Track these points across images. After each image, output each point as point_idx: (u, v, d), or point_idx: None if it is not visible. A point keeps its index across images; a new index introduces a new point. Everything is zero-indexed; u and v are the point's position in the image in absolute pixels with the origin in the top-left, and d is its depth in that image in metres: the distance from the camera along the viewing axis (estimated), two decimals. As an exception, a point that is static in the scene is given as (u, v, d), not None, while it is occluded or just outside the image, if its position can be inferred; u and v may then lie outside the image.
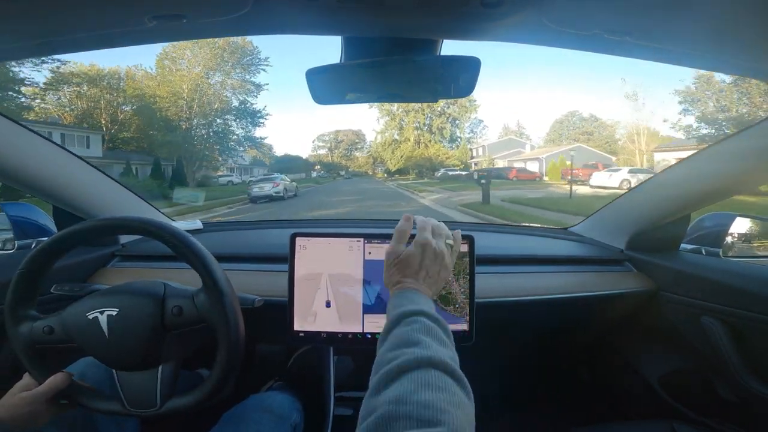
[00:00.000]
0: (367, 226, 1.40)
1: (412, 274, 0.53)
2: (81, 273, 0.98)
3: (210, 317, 0.58)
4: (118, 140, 21.91)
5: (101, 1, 0.45)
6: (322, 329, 0.83)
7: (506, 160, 31.38)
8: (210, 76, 24.29)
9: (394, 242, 0.58)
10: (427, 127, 36.54)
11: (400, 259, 0.55)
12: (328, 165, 48.88)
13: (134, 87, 22.43)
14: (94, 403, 0.60)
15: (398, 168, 36.03)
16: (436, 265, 0.55)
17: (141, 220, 0.58)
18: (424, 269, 0.54)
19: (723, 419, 0.92)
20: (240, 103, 25.23)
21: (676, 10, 0.45)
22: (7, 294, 0.58)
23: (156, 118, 22.05)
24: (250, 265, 1.00)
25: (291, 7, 0.47)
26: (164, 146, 21.28)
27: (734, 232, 1.05)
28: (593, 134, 36.56)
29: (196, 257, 0.58)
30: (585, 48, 0.57)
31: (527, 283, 1.00)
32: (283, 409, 0.81)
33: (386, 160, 37.60)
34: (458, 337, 0.84)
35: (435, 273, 0.55)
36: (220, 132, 24.85)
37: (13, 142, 0.77)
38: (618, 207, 1.16)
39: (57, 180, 0.90)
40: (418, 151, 35.19)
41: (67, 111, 20.76)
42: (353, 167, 49.12)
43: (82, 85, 20.89)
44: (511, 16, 0.48)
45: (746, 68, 0.60)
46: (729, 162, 0.81)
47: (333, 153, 51.37)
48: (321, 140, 54.22)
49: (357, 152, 52.13)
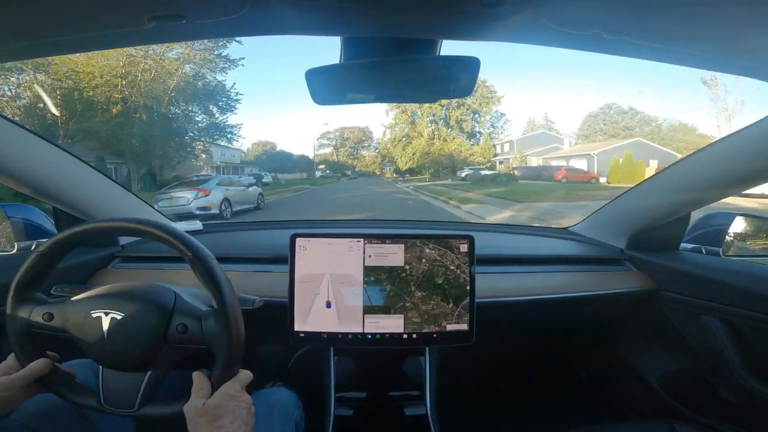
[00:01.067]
0: (368, 226, 1.40)
1: (227, 424, 0.52)
2: (81, 274, 0.98)
3: (214, 344, 0.57)
4: (78, 133, 15.50)
5: (100, 2, 0.45)
6: (323, 330, 0.83)
7: (541, 157, 26.59)
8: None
9: (190, 400, 0.54)
10: (443, 120, 32.21)
11: (204, 412, 0.53)
12: (334, 164, 45.98)
13: (64, 64, 14.78)
14: (69, 394, 0.60)
15: (409, 167, 32.03)
16: (244, 410, 0.55)
17: (164, 229, 0.57)
18: (239, 418, 0.53)
19: (723, 419, 0.92)
20: (203, 80, 17.82)
21: (675, 10, 0.45)
22: (18, 273, 0.58)
23: (74, 100, 15.15)
24: (251, 266, 1.00)
25: (290, 8, 0.47)
26: (86, 136, 15.21)
27: (734, 232, 1.05)
28: (634, 129, 31.86)
29: (211, 279, 0.56)
30: (585, 48, 0.57)
31: (527, 283, 1.00)
32: (287, 405, 0.82)
33: (396, 157, 33.93)
34: (458, 336, 0.84)
35: (246, 417, 0.54)
36: (176, 119, 17.74)
37: (13, 144, 0.77)
38: (618, 206, 1.16)
39: (57, 181, 0.89)
40: (436, 147, 30.84)
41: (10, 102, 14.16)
42: (360, 166, 45.96)
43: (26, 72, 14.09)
44: (511, 16, 0.48)
45: (746, 68, 0.60)
46: (729, 161, 0.80)
47: (338, 152, 48.46)
48: (326, 138, 50.54)
49: (364, 151, 48.63)
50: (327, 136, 50.44)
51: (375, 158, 44.78)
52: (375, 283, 0.84)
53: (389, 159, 37.97)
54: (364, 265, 0.84)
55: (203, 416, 0.52)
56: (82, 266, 0.97)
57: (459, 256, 0.85)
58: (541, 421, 1.25)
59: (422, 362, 0.97)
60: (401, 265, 0.84)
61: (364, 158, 47.78)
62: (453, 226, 1.66)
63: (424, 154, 30.90)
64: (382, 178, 36.31)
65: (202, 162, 21.77)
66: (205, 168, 21.90)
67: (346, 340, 0.84)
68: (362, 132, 48.70)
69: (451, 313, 0.84)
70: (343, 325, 0.83)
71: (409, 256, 0.84)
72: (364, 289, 0.84)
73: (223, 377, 0.56)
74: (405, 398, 0.95)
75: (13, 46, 0.54)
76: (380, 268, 0.84)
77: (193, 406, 0.53)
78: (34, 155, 0.82)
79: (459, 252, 0.85)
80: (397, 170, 35.09)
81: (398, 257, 0.84)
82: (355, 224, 1.44)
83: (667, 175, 0.97)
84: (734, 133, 0.76)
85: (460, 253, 0.85)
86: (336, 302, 0.84)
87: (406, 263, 0.84)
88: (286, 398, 0.84)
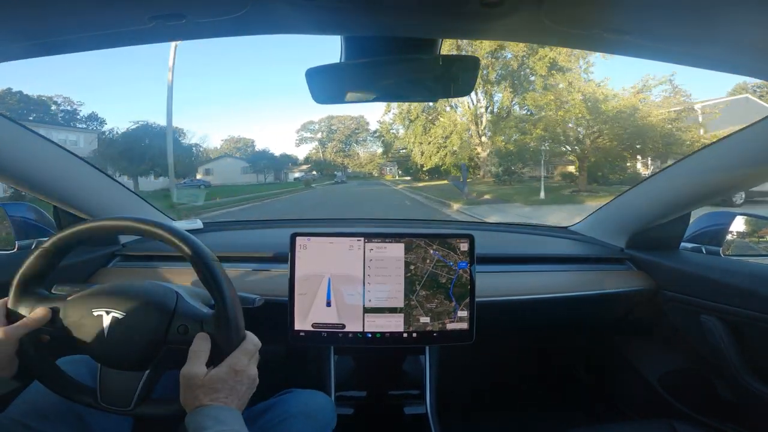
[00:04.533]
0: (368, 225, 1.40)
1: (222, 398, 0.50)
2: (82, 273, 0.98)
3: (214, 344, 0.56)
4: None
5: (100, 1, 0.45)
6: (323, 329, 0.84)
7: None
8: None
9: (189, 364, 0.51)
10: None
11: (203, 383, 0.50)
12: (318, 163, 36.71)
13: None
14: (65, 390, 0.59)
15: (437, 165, 18.13)
16: (244, 386, 0.53)
17: (165, 228, 0.56)
18: (235, 393, 0.51)
19: (723, 418, 0.92)
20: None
21: (676, 9, 0.45)
22: (20, 270, 0.57)
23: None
24: (251, 265, 1.00)
25: (290, 7, 0.47)
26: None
27: (734, 231, 1.05)
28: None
29: (212, 278, 0.56)
30: (585, 47, 0.57)
31: (527, 282, 1.00)
32: (326, 416, 0.75)
33: (411, 147, 20.56)
34: (458, 336, 0.84)
35: (243, 392, 0.53)
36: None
37: (14, 143, 0.77)
38: (618, 206, 1.16)
39: (58, 180, 0.90)
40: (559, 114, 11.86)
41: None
42: (353, 166, 36.95)
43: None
44: (511, 15, 0.47)
45: (746, 68, 0.60)
46: (729, 161, 0.80)
47: (325, 147, 38.29)
48: (308, 130, 39.20)
49: (358, 146, 38.38)
50: (310, 127, 39.11)
51: (372, 157, 35.56)
52: (375, 282, 0.84)
53: (396, 152, 26.56)
54: (364, 264, 0.84)
55: (200, 387, 0.49)
56: (82, 265, 0.98)
57: (459, 255, 0.85)
58: (540, 420, 1.25)
59: (422, 361, 0.97)
60: (402, 264, 0.84)
61: (359, 156, 37.81)
62: (453, 225, 1.67)
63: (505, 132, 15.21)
64: (384, 181, 27.11)
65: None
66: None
67: (346, 339, 0.84)
68: (355, 122, 38.07)
69: (452, 312, 0.84)
70: (343, 325, 0.83)
71: (410, 255, 0.84)
72: (365, 288, 0.84)
73: (228, 345, 0.54)
74: (405, 397, 0.95)
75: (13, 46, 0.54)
76: (381, 267, 0.84)
77: (193, 374, 0.50)
78: (34, 154, 0.82)
79: (459, 251, 0.85)
80: (408, 170, 23.98)
81: (399, 256, 0.84)
82: (355, 223, 1.44)
83: (668, 174, 0.97)
84: (735, 133, 0.76)
85: (461, 252, 0.85)
86: (336, 301, 0.84)
87: (407, 262, 0.84)
88: (323, 407, 0.77)
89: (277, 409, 0.71)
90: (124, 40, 0.55)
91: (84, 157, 0.96)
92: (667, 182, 0.97)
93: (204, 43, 16.53)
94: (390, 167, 30.33)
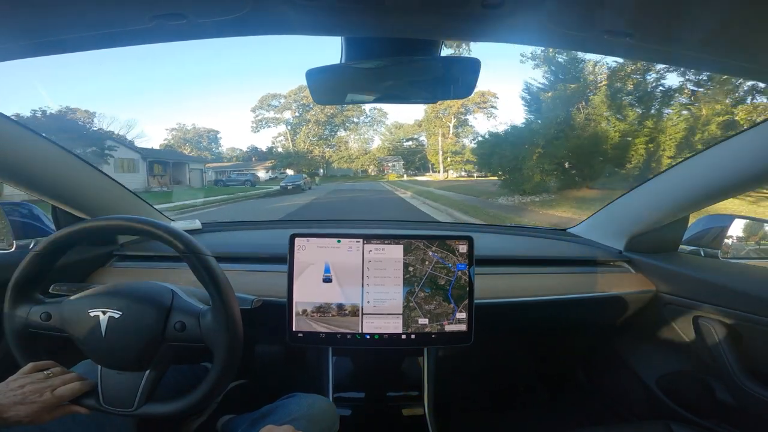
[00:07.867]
0: (367, 226, 1.40)
1: None
2: (80, 273, 0.97)
3: (212, 341, 0.57)
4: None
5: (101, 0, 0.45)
6: (321, 330, 0.83)
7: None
8: None
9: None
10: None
11: None
12: (284, 156, 24.25)
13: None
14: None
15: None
16: None
17: (163, 228, 0.57)
18: None
19: (720, 420, 0.92)
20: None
21: (676, 11, 0.45)
22: (16, 272, 0.58)
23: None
24: (249, 266, 0.99)
25: (291, 8, 0.47)
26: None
27: (733, 234, 1.05)
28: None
29: (209, 277, 0.56)
30: (585, 49, 0.57)
31: (526, 284, 1.00)
32: (328, 420, 0.75)
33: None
34: (457, 337, 0.84)
35: None
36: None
37: (14, 142, 0.77)
38: (617, 208, 1.16)
39: (56, 180, 0.89)
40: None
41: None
42: (337, 161, 25.32)
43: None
44: (512, 17, 0.48)
45: (746, 69, 0.60)
46: (728, 163, 0.81)
47: (296, 134, 24.99)
48: (269, 107, 25.39)
49: (345, 133, 25.67)
50: (272, 102, 25.11)
51: (369, 156, 24.78)
52: (374, 283, 0.84)
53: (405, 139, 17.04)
54: (363, 265, 0.84)
55: None
56: (80, 265, 0.97)
57: (458, 257, 0.85)
58: (538, 421, 1.25)
59: (421, 363, 0.97)
60: (401, 265, 0.84)
61: (347, 146, 25.54)
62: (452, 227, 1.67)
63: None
64: (390, 187, 18.04)
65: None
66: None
67: (344, 339, 0.84)
68: (339, 99, 25.58)
69: (451, 313, 0.84)
70: (341, 325, 0.83)
71: (409, 257, 0.84)
72: (363, 289, 0.84)
73: (225, 339, 0.56)
74: (403, 398, 0.95)
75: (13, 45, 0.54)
76: (380, 269, 0.84)
77: None
78: (32, 153, 0.81)
79: (458, 253, 0.85)
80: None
81: (398, 257, 0.84)
82: (354, 224, 1.44)
83: (667, 177, 0.97)
84: (734, 135, 0.77)
85: (460, 253, 0.85)
86: (335, 302, 0.83)
87: (406, 263, 0.84)
88: (327, 410, 0.77)
89: (280, 412, 0.71)
90: (124, 39, 0.55)
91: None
92: (666, 185, 0.98)
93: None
94: (393, 162, 22.46)
